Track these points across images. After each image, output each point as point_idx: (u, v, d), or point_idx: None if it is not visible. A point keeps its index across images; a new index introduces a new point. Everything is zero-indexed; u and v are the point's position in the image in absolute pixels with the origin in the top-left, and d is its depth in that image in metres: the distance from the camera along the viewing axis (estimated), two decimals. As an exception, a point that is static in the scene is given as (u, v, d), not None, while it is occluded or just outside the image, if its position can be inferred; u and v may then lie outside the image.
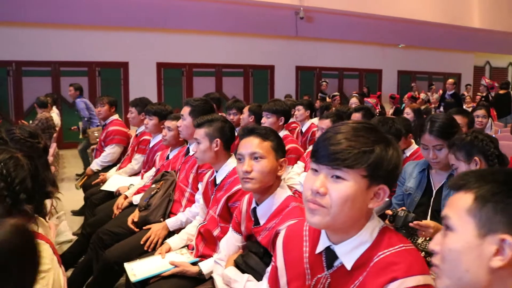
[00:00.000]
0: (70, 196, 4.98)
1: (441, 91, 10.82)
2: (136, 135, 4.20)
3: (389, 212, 2.21)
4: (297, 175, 3.20)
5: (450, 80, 9.08)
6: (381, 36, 12.84)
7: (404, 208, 2.23)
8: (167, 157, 3.31)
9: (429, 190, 2.33)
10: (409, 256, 1.11)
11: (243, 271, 1.73)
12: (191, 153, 2.89)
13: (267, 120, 3.58)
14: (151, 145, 3.80)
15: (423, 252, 2.20)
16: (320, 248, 1.21)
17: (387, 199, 2.52)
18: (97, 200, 3.71)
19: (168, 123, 3.22)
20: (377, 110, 8.29)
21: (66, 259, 3.29)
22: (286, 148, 3.45)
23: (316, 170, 1.12)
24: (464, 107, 9.04)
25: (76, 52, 9.80)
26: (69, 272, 3.23)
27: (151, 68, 10.81)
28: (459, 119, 3.17)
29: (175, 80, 11.17)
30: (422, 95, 10.05)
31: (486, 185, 0.90)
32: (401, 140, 2.89)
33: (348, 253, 1.15)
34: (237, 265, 1.76)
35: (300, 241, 1.28)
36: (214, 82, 11.70)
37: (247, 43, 11.63)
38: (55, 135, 6.06)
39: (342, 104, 8.37)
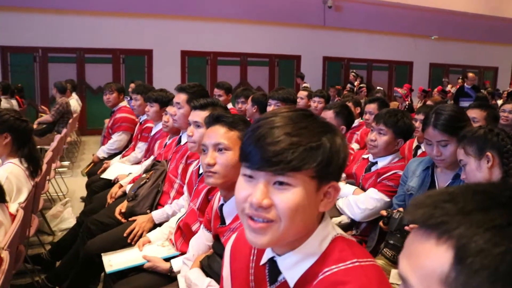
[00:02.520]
0: (82, 183, 4.97)
1: (459, 84, 10.09)
2: (140, 123, 4.10)
3: (383, 213, 2.01)
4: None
5: (471, 74, 8.51)
6: (413, 27, 12.32)
7: (401, 209, 2.02)
8: (165, 145, 3.19)
9: (433, 191, 2.10)
10: (363, 275, 0.88)
11: (207, 274, 1.57)
12: (182, 142, 2.75)
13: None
14: (152, 133, 3.69)
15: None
16: (264, 259, 1.02)
17: (388, 199, 2.31)
18: (97, 188, 3.64)
19: (170, 109, 3.09)
20: (407, 102, 7.93)
21: (59, 247, 3.24)
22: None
23: (251, 177, 0.90)
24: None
25: (101, 39, 9.82)
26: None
27: (175, 56, 10.75)
28: (476, 113, 2.91)
29: (199, 69, 11.07)
30: (454, 89, 9.60)
31: (475, 229, 0.49)
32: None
33: (292, 267, 0.95)
34: (202, 266, 1.61)
35: (249, 249, 1.08)
36: (238, 71, 11.55)
37: (274, 32, 11.38)
38: (70, 121, 6.05)
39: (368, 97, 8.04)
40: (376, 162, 2.47)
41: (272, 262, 1.00)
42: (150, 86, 4.11)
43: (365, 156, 2.58)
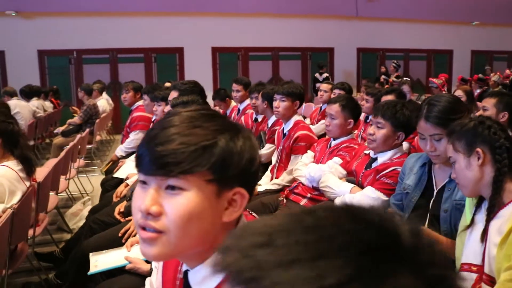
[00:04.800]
0: (105, 181, 5.06)
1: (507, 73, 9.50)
2: (152, 122, 4.11)
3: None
4: (304, 166, 2.89)
5: None
6: (452, 14, 11.75)
7: (391, 210, 1.88)
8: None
9: (430, 190, 1.93)
10: None
11: None
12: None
13: (281, 104, 3.25)
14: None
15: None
16: (181, 272, 0.94)
17: (386, 198, 2.17)
18: (109, 187, 3.68)
19: (167, 108, 3.06)
20: (443, 92, 7.58)
21: (69, 245, 3.30)
22: (296, 135, 3.18)
23: (144, 183, 0.83)
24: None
25: (132, 39, 9.99)
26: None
27: (206, 53, 10.79)
28: (489, 102, 2.70)
29: (231, 65, 11.06)
30: (495, 77, 9.05)
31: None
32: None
33: (201, 282, 0.86)
34: None
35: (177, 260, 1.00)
36: (270, 66, 11.45)
37: (305, 24, 11.19)
38: (98, 121, 6.19)
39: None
40: (377, 158, 2.33)
41: (186, 275, 0.92)
42: (158, 85, 4.09)
43: (367, 152, 2.44)
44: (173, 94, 2.69)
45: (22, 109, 6.41)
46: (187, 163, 0.78)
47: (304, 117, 7.21)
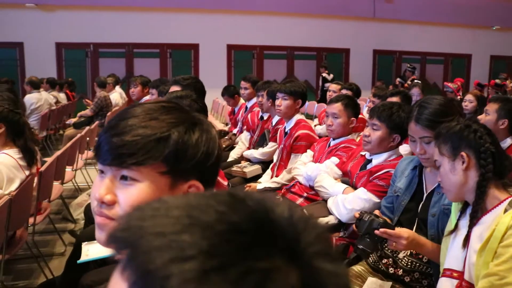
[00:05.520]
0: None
1: None
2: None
3: (356, 214, 1.87)
4: (303, 165, 2.89)
5: None
6: (471, 17, 11.57)
7: (377, 212, 1.87)
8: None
9: (420, 193, 1.91)
10: None
11: None
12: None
13: (283, 103, 3.25)
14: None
15: (401, 270, 1.84)
16: None
17: (378, 200, 2.15)
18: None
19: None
20: (458, 97, 7.47)
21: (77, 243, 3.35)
22: (297, 134, 3.18)
23: (102, 172, 0.85)
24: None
25: (148, 34, 10.09)
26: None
27: (221, 50, 10.83)
28: (492, 107, 2.66)
29: (246, 63, 11.09)
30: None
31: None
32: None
33: None
34: None
35: None
36: (285, 65, 11.45)
37: (321, 24, 11.15)
38: (109, 113, 6.26)
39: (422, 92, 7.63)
40: (372, 160, 2.31)
41: None
42: (165, 80, 4.12)
43: (363, 153, 2.43)
44: (174, 89, 2.70)
45: (45, 103, 6.51)
46: (140, 154, 0.79)
47: (315, 117, 7.19)
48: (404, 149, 2.75)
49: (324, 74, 10.49)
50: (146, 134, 0.80)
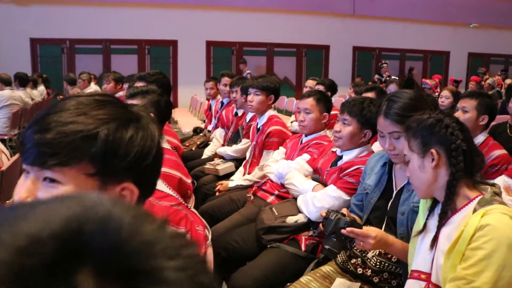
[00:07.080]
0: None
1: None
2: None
3: (322, 213, 1.80)
4: (275, 162, 2.82)
5: None
6: (450, 15, 11.66)
7: (345, 210, 1.80)
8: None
9: (390, 191, 1.85)
10: None
11: None
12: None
13: (255, 98, 3.17)
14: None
15: (370, 271, 1.77)
16: None
17: (348, 198, 2.09)
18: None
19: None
20: (436, 94, 7.51)
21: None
22: (268, 130, 3.10)
23: (28, 172, 0.78)
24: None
25: (126, 30, 9.92)
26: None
27: (200, 47, 10.70)
28: (469, 103, 2.62)
29: (225, 59, 10.98)
30: (490, 80, 8.97)
31: None
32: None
33: None
34: None
35: None
36: (265, 62, 11.37)
37: (301, 21, 11.10)
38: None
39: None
40: (342, 156, 2.25)
41: None
42: (132, 75, 4.01)
43: (334, 150, 2.36)
44: (139, 85, 2.60)
45: (17, 100, 6.30)
46: (63, 155, 0.71)
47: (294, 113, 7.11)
48: (377, 146, 2.70)
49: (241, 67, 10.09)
50: (71, 131, 0.72)
